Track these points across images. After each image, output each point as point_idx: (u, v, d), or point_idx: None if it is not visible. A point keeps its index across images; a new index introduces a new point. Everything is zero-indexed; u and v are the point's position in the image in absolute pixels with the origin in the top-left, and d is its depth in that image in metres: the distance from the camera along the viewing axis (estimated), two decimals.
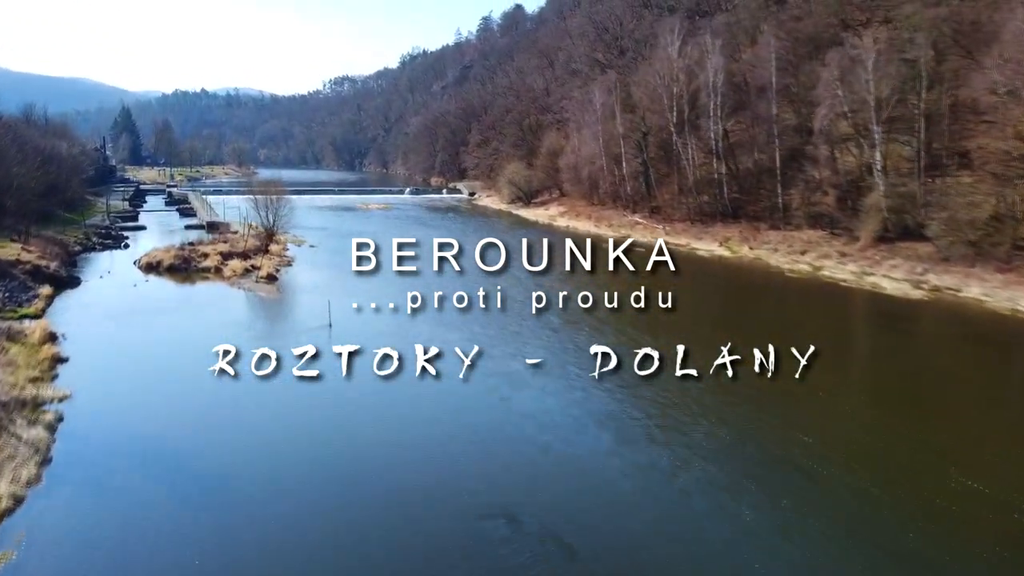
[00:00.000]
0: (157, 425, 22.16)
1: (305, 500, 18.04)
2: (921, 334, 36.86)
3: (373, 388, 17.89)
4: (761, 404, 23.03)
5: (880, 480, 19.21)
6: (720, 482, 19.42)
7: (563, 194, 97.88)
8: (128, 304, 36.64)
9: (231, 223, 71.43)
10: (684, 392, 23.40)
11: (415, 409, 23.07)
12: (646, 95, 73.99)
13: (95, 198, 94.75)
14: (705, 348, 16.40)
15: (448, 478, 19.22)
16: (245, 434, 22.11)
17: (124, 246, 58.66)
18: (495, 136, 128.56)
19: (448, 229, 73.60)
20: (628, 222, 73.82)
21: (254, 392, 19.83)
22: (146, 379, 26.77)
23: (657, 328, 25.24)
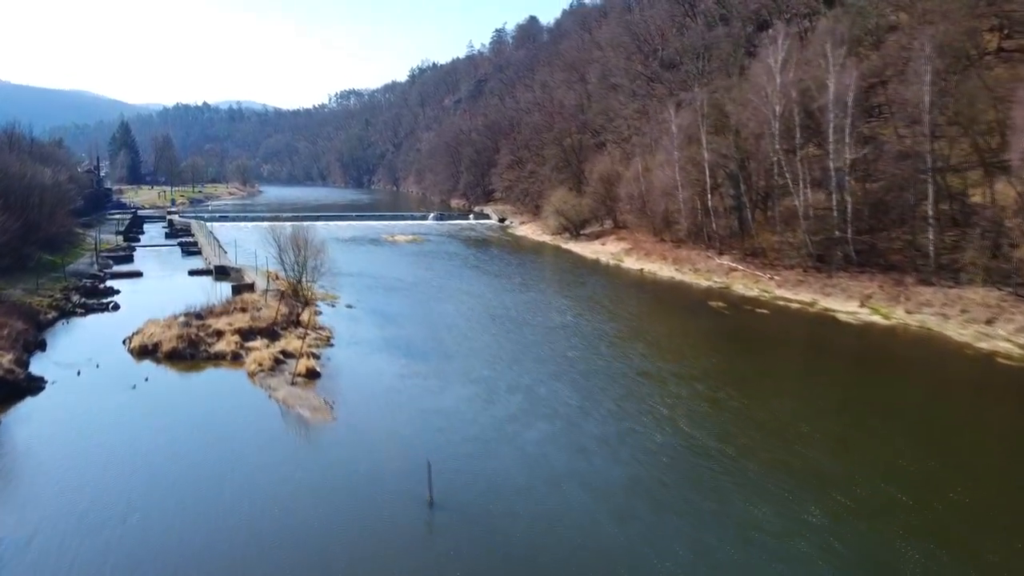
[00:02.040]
0: None
1: None
2: None
3: None
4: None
5: None
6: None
7: (618, 225, 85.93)
8: (107, 447, 24.25)
9: (244, 269, 59.23)
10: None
11: None
12: (742, 115, 61.89)
13: (84, 231, 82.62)
14: None
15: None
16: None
17: (112, 307, 46.37)
18: (530, 157, 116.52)
19: (508, 278, 61.28)
20: (719, 267, 61.57)
21: None
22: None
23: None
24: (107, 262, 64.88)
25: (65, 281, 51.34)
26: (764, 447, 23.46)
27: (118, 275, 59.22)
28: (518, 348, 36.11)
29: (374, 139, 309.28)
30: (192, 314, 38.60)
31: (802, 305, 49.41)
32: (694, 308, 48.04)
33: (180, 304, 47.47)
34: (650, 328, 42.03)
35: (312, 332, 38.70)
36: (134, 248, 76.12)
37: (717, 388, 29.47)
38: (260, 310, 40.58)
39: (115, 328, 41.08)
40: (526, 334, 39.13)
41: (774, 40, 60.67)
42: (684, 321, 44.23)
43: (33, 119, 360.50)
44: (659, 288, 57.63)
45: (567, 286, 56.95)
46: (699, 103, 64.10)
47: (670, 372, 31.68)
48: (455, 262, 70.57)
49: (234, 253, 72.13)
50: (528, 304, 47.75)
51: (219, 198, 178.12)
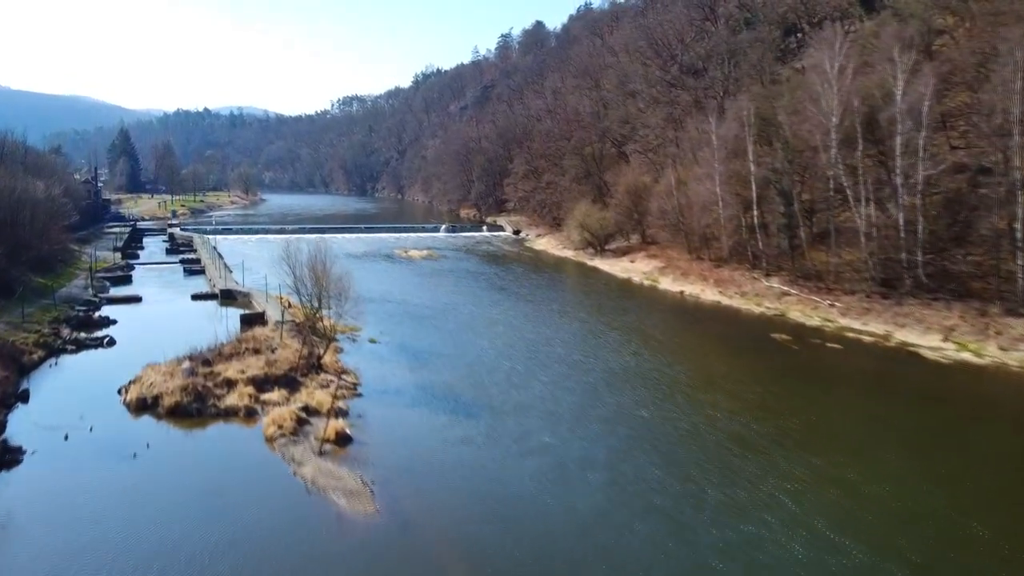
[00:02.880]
0: None
1: None
2: None
3: None
4: None
5: None
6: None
7: (646, 241, 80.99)
8: (93, 549, 19.19)
9: (252, 294, 54.21)
10: None
11: None
12: (795, 125, 56.90)
13: (80, 248, 77.62)
14: None
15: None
16: None
17: (108, 342, 41.28)
18: (548, 167, 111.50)
19: (542, 303, 56.26)
20: (768, 290, 56.56)
21: None
22: None
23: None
24: (103, 284, 59.82)
25: (55, 310, 46.28)
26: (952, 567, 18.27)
27: (115, 300, 54.18)
28: (577, 402, 31.04)
29: (377, 146, 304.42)
30: (198, 357, 33.52)
31: (875, 338, 44.34)
32: (758, 342, 42.97)
33: (183, 338, 42.57)
34: (720, 370, 36.92)
35: (335, 377, 33.65)
36: (132, 267, 71.06)
37: (835, 462, 24.31)
38: (275, 351, 35.53)
39: (110, 370, 36.03)
40: (581, 380, 34.06)
41: (830, 44, 55.70)
42: (754, 360, 39.14)
43: (32, 125, 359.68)
44: (708, 315, 52.56)
45: (608, 313, 51.89)
46: (745, 112, 59.05)
47: (768, 437, 26.57)
48: (479, 283, 65.46)
49: (240, 272, 67.15)
50: (573, 338, 42.75)
51: (221, 207, 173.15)
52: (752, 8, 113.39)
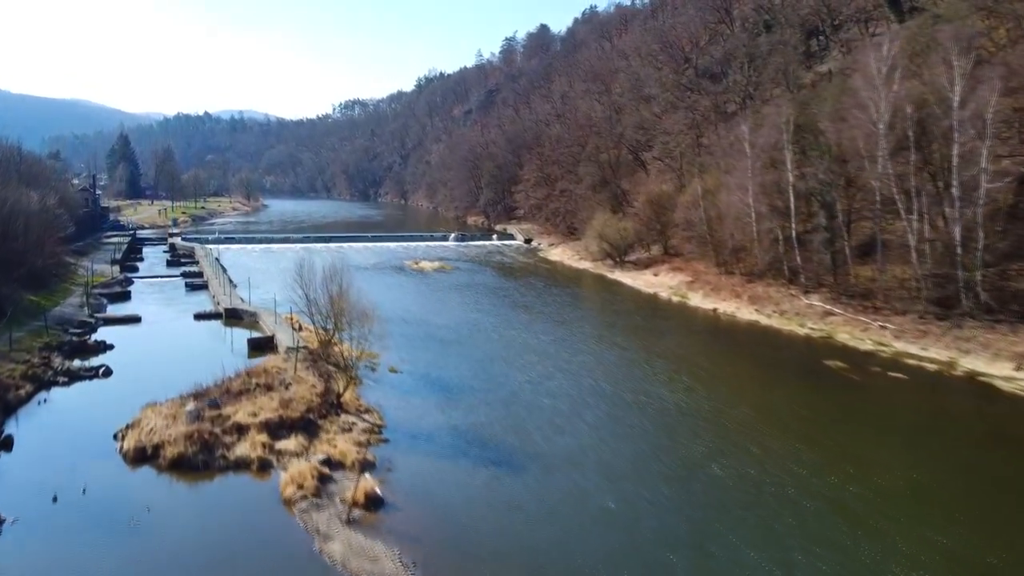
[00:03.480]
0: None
1: None
2: None
3: None
4: None
5: None
6: None
7: (668, 252, 77.45)
8: None
9: (259, 313, 50.64)
10: None
11: None
12: (840, 133, 53.35)
13: (77, 260, 74.05)
14: None
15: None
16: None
17: (104, 373, 37.67)
18: (561, 174, 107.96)
19: (570, 324, 52.71)
20: (809, 309, 52.96)
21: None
22: None
23: None
24: (100, 302, 56.24)
25: (47, 335, 42.65)
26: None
27: (112, 321, 50.55)
28: (635, 452, 27.33)
29: (380, 150, 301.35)
30: (203, 397, 29.90)
31: (939, 366, 40.70)
32: (814, 371, 39.34)
33: (186, 366, 39.15)
34: (785, 407, 33.02)
35: (357, 418, 30.05)
36: (131, 281, 67.47)
37: (964, 540, 20.44)
38: (288, 386, 31.92)
39: (105, 407, 32.48)
40: (634, 423, 30.40)
41: (877, 46, 52.17)
42: (817, 394, 35.46)
43: (32, 129, 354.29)
44: (749, 337, 48.95)
45: (644, 336, 48.24)
46: (784, 119, 55.52)
47: (871, 504, 22.41)
48: (499, 300, 61.83)
49: (245, 286, 63.54)
50: (614, 368, 39.10)
51: (222, 214, 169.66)
52: (771, 11, 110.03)
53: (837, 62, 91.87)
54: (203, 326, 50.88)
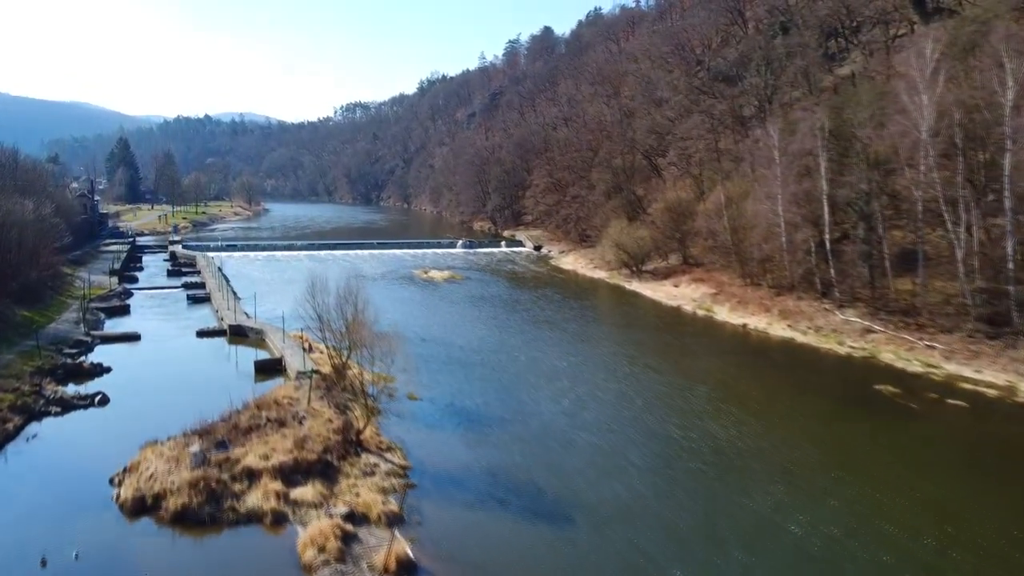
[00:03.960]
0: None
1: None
2: None
3: None
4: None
5: None
6: None
7: (688, 262, 74.64)
8: None
9: (265, 330, 47.80)
10: None
11: None
12: (878, 140, 50.56)
13: (74, 271, 71.23)
14: None
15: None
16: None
17: (100, 401, 34.82)
18: (573, 179, 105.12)
19: (595, 341, 49.89)
20: (846, 325, 50.12)
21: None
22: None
23: None
24: (97, 317, 53.38)
25: (39, 357, 39.75)
26: None
27: (110, 339, 47.66)
28: (699, 508, 24.01)
29: (382, 154, 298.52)
30: (209, 435, 27.05)
31: (998, 391, 37.85)
32: (867, 398, 36.48)
33: (189, 391, 36.44)
34: (851, 445, 29.38)
35: (380, 458, 27.20)
36: (131, 293, 64.61)
37: None
38: (303, 420, 29.07)
39: (101, 443, 29.76)
40: (690, 467, 27.36)
41: (920, 49, 49.38)
42: (879, 427, 32.34)
43: (31, 131, 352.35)
44: (786, 357, 46.02)
45: (677, 356, 45.31)
46: (818, 125, 52.68)
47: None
48: (517, 314, 58.95)
49: (249, 298, 60.74)
50: (654, 396, 35.98)
51: (223, 219, 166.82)
52: (787, 12, 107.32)
53: (857, 64, 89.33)
54: (206, 344, 48.05)
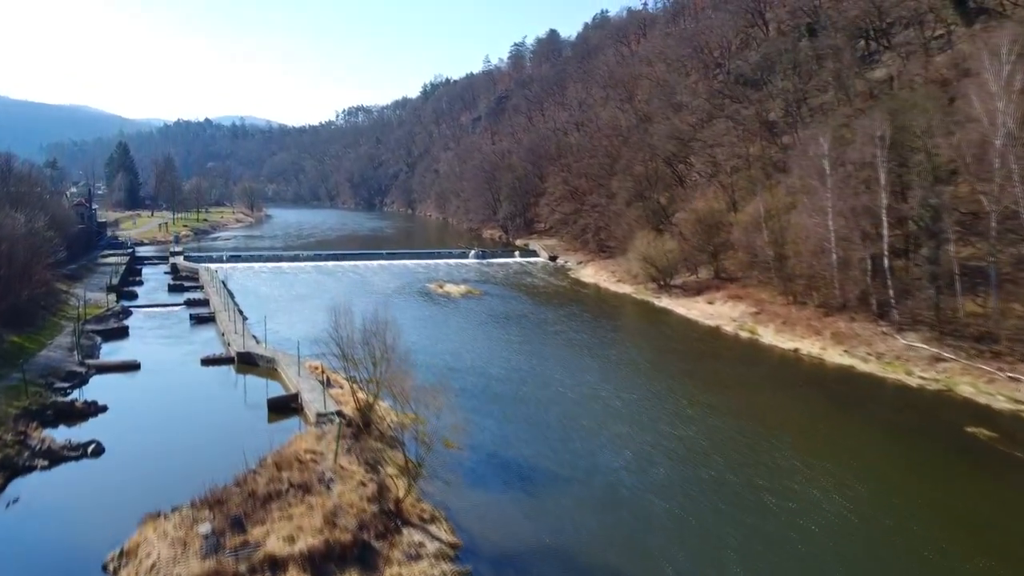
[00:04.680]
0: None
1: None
2: None
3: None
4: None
5: None
6: None
7: (720, 276, 70.43)
8: None
9: (276, 359, 43.47)
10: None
11: None
12: (947, 149, 46.39)
13: (70, 286, 66.91)
14: None
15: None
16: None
17: (93, 451, 30.51)
18: (591, 187, 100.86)
19: (642, 370, 45.56)
20: (910, 352, 45.82)
21: None
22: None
23: None
24: (93, 341, 49.12)
25: (27, 395, 35.40)
26: None
27: (107, 368, 43.32)
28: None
29: (385, 158, 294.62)
30: (221, 506, 22.75)
31: None
32: (962, 444, 32.15)
33: (195, 438, 32.21)
34: (977, 516, 25.14)
35: (424, 534, 22.90)
36: (129, 312, 60.31)
37: None
38: (331, 483, 24.79)
39: (94, 508, 25.45)
40: (797, 547, 22.71)
41: (994, 49, 45.14)
42: (994, 487, 28.10)
43: (30, 135, 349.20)
44: (853, 389, 41.62)
45: (735, 391, 40.74)
46: (878, 133, 48.41)
47: None
48: (547, 336, 54.61)
49: (257, 317, 56.59)
50: (728, 447, 31.30)
51: (225, 226, 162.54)
52: (814, 13, 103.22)
53: (891, 68, 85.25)
54: (212, 374, 43.72)
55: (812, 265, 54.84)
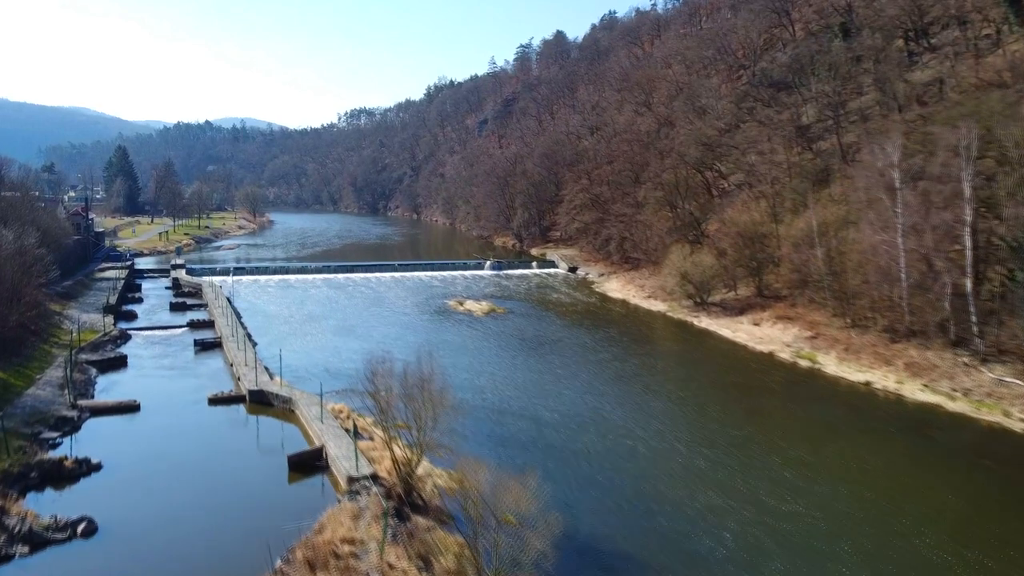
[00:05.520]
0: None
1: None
2: None
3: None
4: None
5: None
6: None
7: (762, 294, 65.54)
8: None
9: (295, 398, 38.51)
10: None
11: None
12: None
13: (63, 306, 61.94)
14: None
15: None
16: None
17: (83, 532, 25.34)
18: (615, 195, 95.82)
19: (709, 415, 40.54)
20: (1000, 386, 40.91)
21: None
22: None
23: None
24: (87, 375, 44.14)
25: (8, 453, 30.32)
26: None
27: (102, 410, 38.32)
28: None
29: (389, 161, 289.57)
30: None
31: None
32: None
33: (204, 507, 27.31)
34: None
35: None
36: (128, 336, 55.38)
37: None
38: None
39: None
40: None
41: None
42: None
43: (29, 137, 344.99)
44: (955, 437, 36.57)
45: (823, 439, 35.60)
46: (965, 142, 43.46)
47: None
48: (587, 365, 49.59)
49: (267, 342, 51.76)
50: (856, 534, 25.82)
51: (227, 234, 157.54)
52: (846, 12, 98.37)
53: (935, 69, 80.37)
54: (221, 416, 38.78)
55: (877, 286, 49.94)
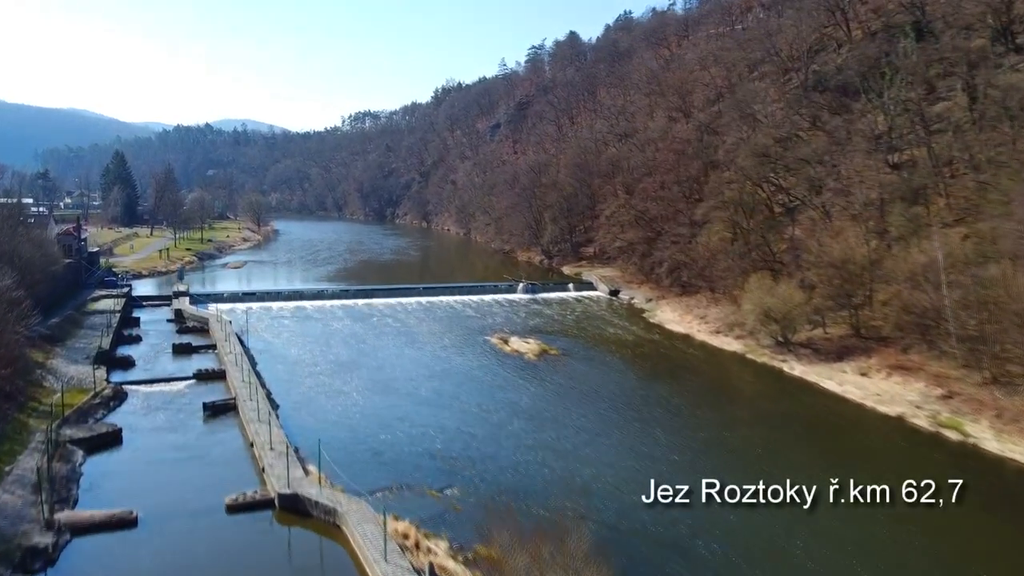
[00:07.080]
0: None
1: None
2: None
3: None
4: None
5: None
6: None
7: (860, 335, 56.55)
8: None
9: (340, 509, 29.34)
10: None
11: None
12: None
13: (47, 354, 52.65)
14: None
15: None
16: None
17: None
18: (667, 214, 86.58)
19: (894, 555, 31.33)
20: None
21: None
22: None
23: None
24: (72, 461, 34.94)
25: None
26: None
27: (86, 527, 29.06)
28: None
29: (396, 166, 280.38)
30: None
31: None
32: None
33: None
34: None
35: None
36: (124, 394, 46.18)
37: None
38: None
39: None
40: None
41: None
42: None
43: (26, 140, 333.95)
44: None
45: None
46: None
47: None
48: (697, 444, 40.30)
49: (290, 400, 42.72)
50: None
51: (232, 248, 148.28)
52: (918, 10, 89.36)
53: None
54: (243, 531, 29.58)
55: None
